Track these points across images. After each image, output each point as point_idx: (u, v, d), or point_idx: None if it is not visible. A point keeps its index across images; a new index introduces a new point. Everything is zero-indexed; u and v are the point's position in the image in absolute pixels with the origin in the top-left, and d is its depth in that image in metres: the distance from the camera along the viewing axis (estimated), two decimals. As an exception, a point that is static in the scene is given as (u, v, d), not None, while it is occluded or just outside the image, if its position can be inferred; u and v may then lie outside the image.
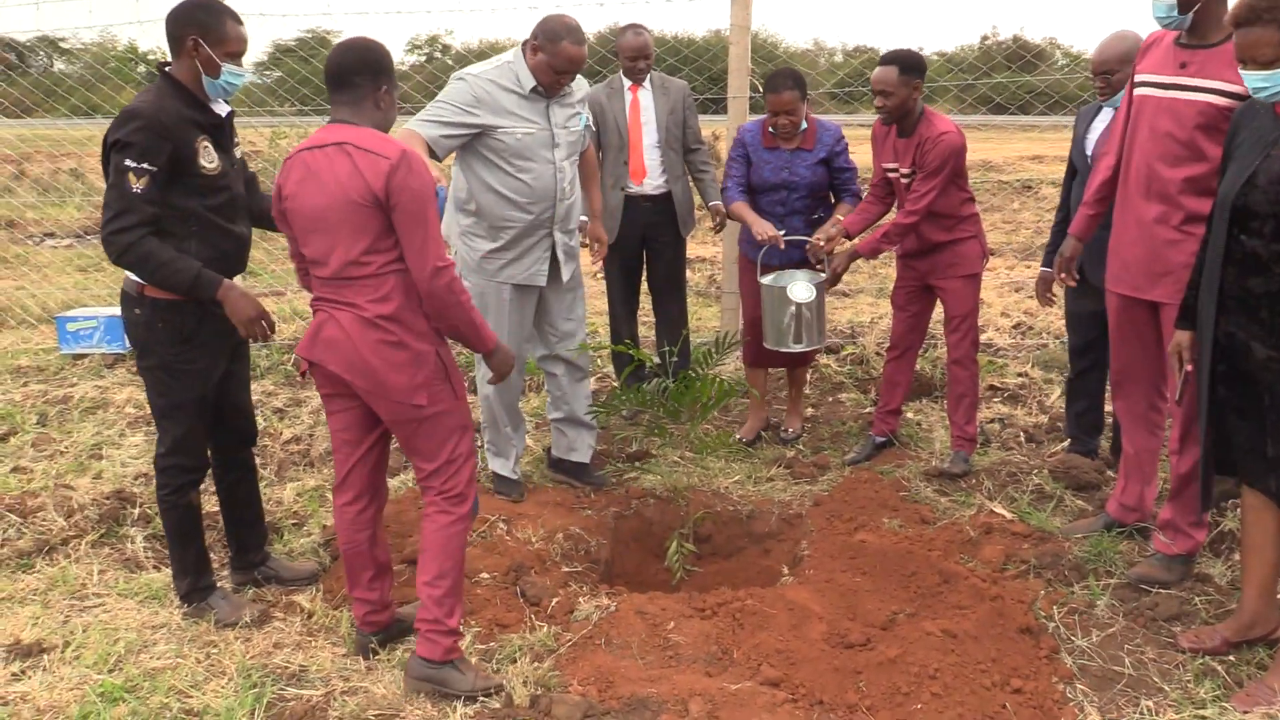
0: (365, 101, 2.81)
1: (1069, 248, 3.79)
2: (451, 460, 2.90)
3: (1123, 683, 2.95)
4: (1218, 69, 3.18)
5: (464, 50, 17.87)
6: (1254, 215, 2.75)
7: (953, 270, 4.36)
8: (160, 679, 2.94)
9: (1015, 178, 15.00)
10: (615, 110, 4.98)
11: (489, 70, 3.91)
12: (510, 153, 3.87)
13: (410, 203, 2.67)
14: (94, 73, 9.96)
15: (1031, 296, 7.85)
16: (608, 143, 5.01)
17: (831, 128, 4.64)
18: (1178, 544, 3.46)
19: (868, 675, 2.90)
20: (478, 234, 4.00)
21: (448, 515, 2.90)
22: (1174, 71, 3.29)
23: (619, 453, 4.85)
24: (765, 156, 4.61)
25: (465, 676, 2.88)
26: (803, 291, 4.36)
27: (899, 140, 4.33)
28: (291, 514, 4.16)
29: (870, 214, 4.57)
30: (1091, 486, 4.27)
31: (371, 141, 2.70)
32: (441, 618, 2.87)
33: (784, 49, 17.34)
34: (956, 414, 4.51)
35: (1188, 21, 3.24)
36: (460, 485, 2.92)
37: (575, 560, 3.80)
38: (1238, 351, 2.86)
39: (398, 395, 2.78)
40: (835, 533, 3.91)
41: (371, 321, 2.74)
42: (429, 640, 2.87)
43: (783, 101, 4.41)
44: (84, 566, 3.68)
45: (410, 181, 2.66)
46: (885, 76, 4.15)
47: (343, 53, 2.82)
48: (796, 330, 4.37)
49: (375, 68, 2.81)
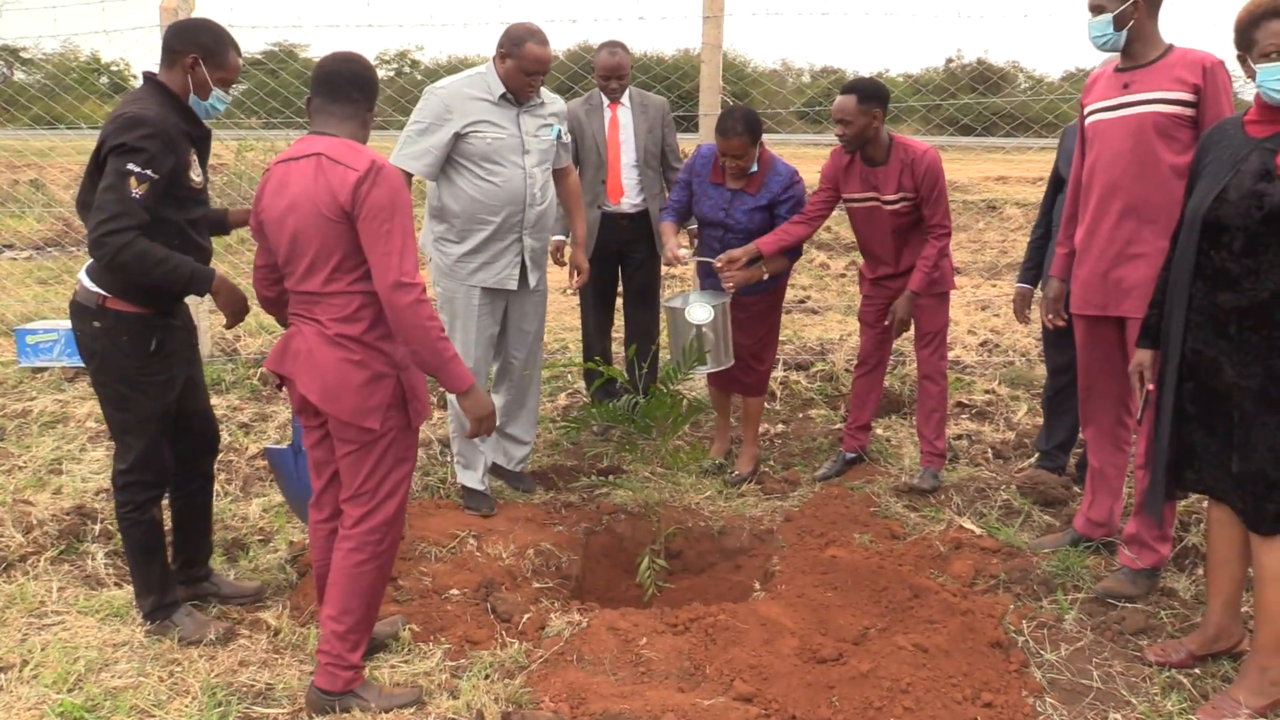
0: (353, 118, 2.78)
1: (1053, 289, 3.88)
2: (379, 491, 2.81)
3: (1091, 696, 2.97)
4: (1158, 82, 3.34)
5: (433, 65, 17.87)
6: (1224, 229, 2.79)
7: (925, 289, 4.38)
8: (122, 698, 2.88)
9: (980, 198, 15.20)
10: (594, 128, 4.97)
11: (459, 80, 4.03)
12: (480, 156, 3.94)
13: (374, 214, 2.60)
14: (57, 82, 9.83)
15: (998, 314, 7.96)
16: (586, 160, 5.00)
17: (784, 171, 4.47)
18: (1143, 558, 3.50)
19: (840, 690, 2.90)
20: (449, 239, 4.07)
21: (360, 554, 2.80)
22: (1119, 93, 3.43)
23: (590, 468, 4.83)
24: (708, 191, 4.53)
25: (366, 700, 2.83)
26: (700, 313, 4.27)
27: (870, 169, 4.31)
28: (258, 530, 4.10)
29: (793, 235, 4.39)
30: (1059, 502, 4.31)
31: (343, 153, 2.66)
32: (344, 653, 2.81)
33: (752, 68, 17.48)
34: (926, 429, 4.53)
35: (1122, 39, 3.38)
36: (381, 521, 2.82)
37: (546, 576, 3.78)
38: (1205, 369, 2.89)
39: (348, 415, 2.72)
40: (806, 548, 3.92)
41: (334, 339, 2.70)
42: (329, 673, 2.81)
43: (731, 146, 4.28)
44: (43, 583, 3.60)
45: (376, 194, 2.60)
46: (844, 105, 4.17)
47: (344, 63, 2.79)
48: (699, 350, 4.26)
49: (371, 90, 2.80)
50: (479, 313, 4.11)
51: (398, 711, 2.84)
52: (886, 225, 4.36)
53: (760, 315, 4.64)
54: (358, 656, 2.84)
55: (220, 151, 12.74)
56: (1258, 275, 2.74)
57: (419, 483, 4.53)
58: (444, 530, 3.97)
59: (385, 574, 2.90)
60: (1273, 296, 2.72)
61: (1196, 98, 3.27)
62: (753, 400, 4.82)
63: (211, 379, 5.87)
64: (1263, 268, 2.73)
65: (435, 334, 2.66)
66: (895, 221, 4.34)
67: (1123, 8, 3.32)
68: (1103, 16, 3.36)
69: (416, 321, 2.63)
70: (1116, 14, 3.34)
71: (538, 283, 4.28)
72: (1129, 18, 3.35)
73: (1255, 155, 2.77)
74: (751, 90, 13.85)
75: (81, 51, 14.13)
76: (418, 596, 3.50)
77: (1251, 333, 2.77)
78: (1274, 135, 2.76)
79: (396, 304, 2.61)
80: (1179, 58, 3.34)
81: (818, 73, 20.54)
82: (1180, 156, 3.28)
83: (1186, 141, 3.28)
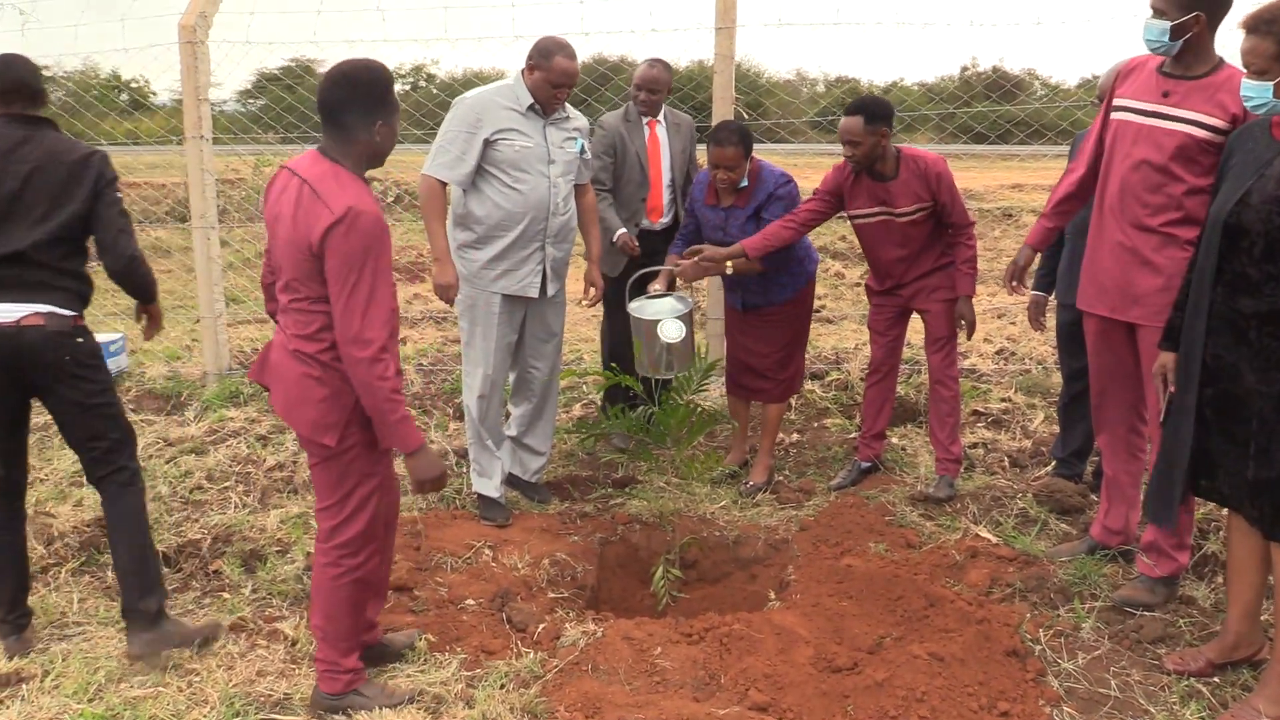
0: (353, 143, 2.69)
1: (1023, 256, 3.87)
2: (345, 505, 2.80)
3: (1109, 705, 2.96)
4: (1199, 102, 3.23)
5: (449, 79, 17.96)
6: (1245, 234, 2.77)
7: (936, 295, 4.41)
8: (141, 708, 2.91)
9: (996, 205, 15.13)
10: (637, 145, 4.90)
11: (488, 90, 4.13)
12: (507, 163, 4.02)
13: (342, 263, 2.55)
14: (78, 100, 9.95)
15: (1014, 323, 7.93)
16: (628, 178, 4.92)
17: (773, 175, 4.46)
18: (1161, 566, 3.48)
19: (855, 699, 2.90)
20: (473, 245, 4.13)
21: (335, 569, 2.83)
22: (1156, 99, 3.33)
23: (605, 478, 4.84)
24: (706, 213, 4.55)
25: (369, 699, 2.91)
26: (672, 330, 4.22)
27: (878, 184, 4.31)
28: (275, 541, 4.13)
29: (777, 237, 4.33)
30: (1075, 510, 4.29)
31: (326, 187, 2.59)
32: (337, 659, 2.89)
33: (766, 79, 17.50)
34: (940, 435, 4.53)
35: (1176, 49, 3.27)
36: (352, 536, 2.82)
37: (562, 586, 3.79)
38: (1225, 374, 2.87)
39: (307, 430, 2.73)
40: (821, 557, 3.91)
41: (295, 353, 2.71)
42: (328, 678, 2.90)
43: (725, 156, 4.26)
44: (64, 595, 3.64)
45: (347, 243, 2.54)
46: (852, 126, 4.17)
47: (330, 86, 2.68)
48: (668, 360, 4.26)
49: (365, 103, 2.66)
50: (499, 320, 4.17)
51: (415, 717, 2.85)
52: (898, 237, 4.36)
53: (781, 324, 4.64)
54: (352, 660, 2.91)
55: (238, 166, 12.86)
56: (1277, 281, 2.72)
57: (435, 494, 4.55)
58: (460, 541, 3.99)
59: (367, 585, 2.94)
60: None
61: (1233, 126, 3.16)
62: (773, 408, 4.82)
63: (230, 391, 5.93)
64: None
65: (385, 394, 2.62)
66: (909, 232, 4.35)
67: (1184, 18, 3.20)
68: (1161, 22, 3.23)
69: (368, 380, 2.61)
70: (1176, 24, 3.20)
71: (556, 293, 4.32)
72: (1188, 29, 3.22)
73: (1279, 160, 2.75)
74: (765, 100, 13.85)
75: (102, 69, 14.29)
76: (434, 607, 3.52)
77: (1272, 339, 2.75)
78: None
79: (349, 359, 2.61)
80: (1226, 79, 3.22)
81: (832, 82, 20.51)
82: (1201, 179, 3.22)
83: (1209, 165, 3.20)
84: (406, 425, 2.68)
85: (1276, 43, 2.67)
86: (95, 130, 9.32)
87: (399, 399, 2.65)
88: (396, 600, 3.55)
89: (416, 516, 4.26)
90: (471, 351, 4.26)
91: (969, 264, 4.35)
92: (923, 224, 4.35)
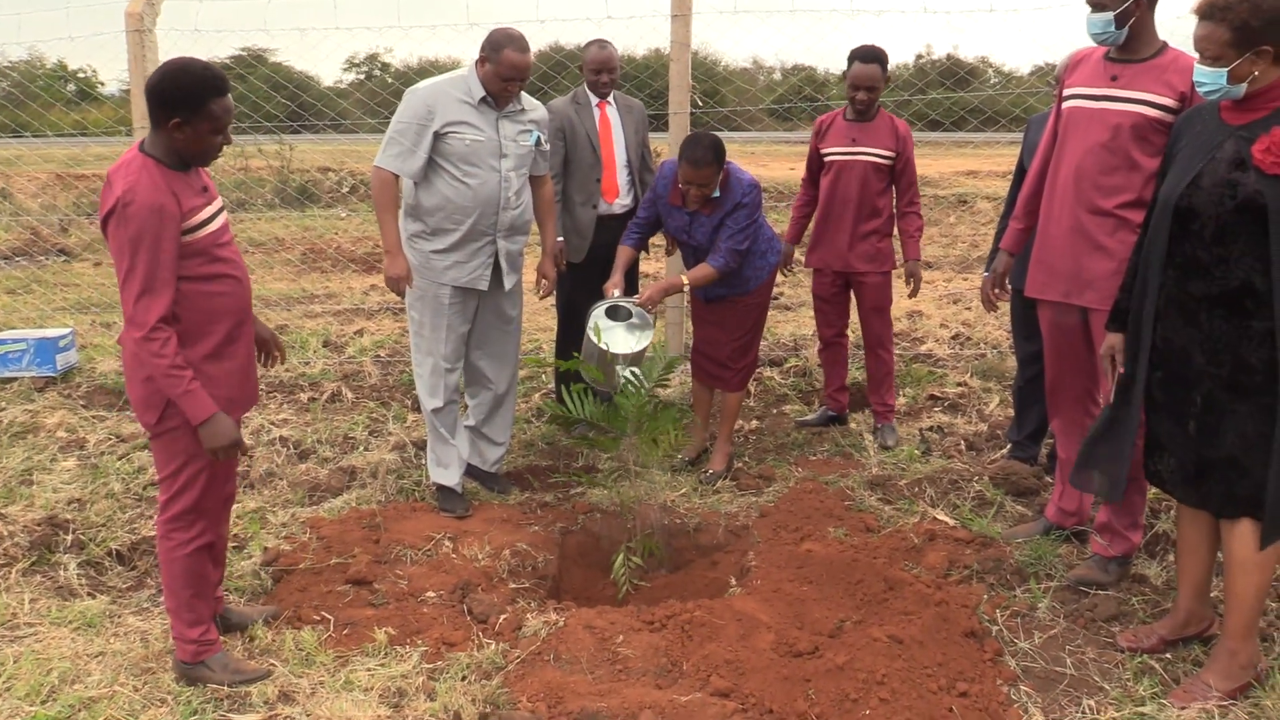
0: (159, 131, 2.80)
1: (1001, 263, 3.89)
2: (175, 480, 2.93)
3: (1065, 683, 3.01)
4: (1149, 82, 3.29)
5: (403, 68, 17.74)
6: (1196, 217, 2.80)
7: (874, 265, 4.85)
8: (97, 708, 2.86)
9: (951, 192, 15.28)
10: (586, 126, 4.89)
11: (442, 81, 4.06)
12: (458, 156, 3.97)
13: (116, 251, 2.71)
14: (23, 90, 9.72)
15: (969, 308, 8.02)
16: (579, 159, 4.90)
17: (741, 184, 4.36)
18: (1115, 546, 3.54)
19: (816, 683, 2.92)
20: (423, 236, 4.10)
21: (168, 541, 2.98)
22: (1105, 84, 3.38)
23: (565, 466, 4.83)
24: (670, 211, 4.53)
25: (216, 674, 2.99)
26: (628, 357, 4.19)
27: (854, 125, 4.81)
28: (231, 536, 4.07)
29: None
30: (1031, 492, 4.35)
31: (117, 176, 2.74)
32: (182, 629, 3.01)
33: (723, 67, 17.50)
34: (877, 393, 5.02)
35: (1123, 36, 3.32)
36: (180, 510, 2.95)
37: (523, 576, 3.78)
38: (1175, 357, 2.90)
39: (134, 407, 2.90)
40: (781, 543, 3.94)
41: (125, 336, 2.80)
42: (179, 646, 3.03)
43: (700, 175, 4.19)
44: (15, 595, 3.57)
45: (118, 232, 2.69)
46: (872, 74, 4.67)
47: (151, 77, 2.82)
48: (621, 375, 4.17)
49: (159, 100, 2.75)
50: (449, 310, 4.14)
51: (375, 711, 2.83)
52: (858, 182, 4.75)
53: (743, 313, 4.67)
54: (197, 633, 3.01)
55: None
56: (1228, 264, 2.74)
57: (394, 485, 4.52)
58: (419, 533, 3.96)
59: (203, 559, 3.04)
60: (1242, 285, 2.72)
61: (1181, 105, 3.22)
62: (731, 396, 4.83)
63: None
64: (1233, 256, 2.73)
65: (162, 370, 2.73)
66: (869, 179, 4.76)
67: (1125, 6, 3.25)
68: (1103, 14, 3.29)
69: (143, 358, 2.73)
70: (1119, 12, 3.26)
71: (514, 285, 4.30)
72: (1130, 15, 3.28)
73: (1230, 143, 2.76)
74: (721, 88, 13.86)
75: (48, 59, 13.99)
76: (394, 600, 3.49)
77: (1222, 320, 2.78)
78: (1250, 123, 2.74)
79: (127, 339, 2.76)
80: (1172, 60, 3.29)
81: (788, 70, 20.58)
82: (1153, 159, 3.27)
83: (1160, 145, 3.24)
84: (191, 398, 2.77)
85: (1230, 29, 2.70)
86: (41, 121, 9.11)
87: (178, 374, 2.74)
88: (356, 594, 3.53)
89: (376, 509, 4.22)
90: (421, 341, 4.22)
91: (919, 231, 4.93)
92: (882, 175, 4.82)
